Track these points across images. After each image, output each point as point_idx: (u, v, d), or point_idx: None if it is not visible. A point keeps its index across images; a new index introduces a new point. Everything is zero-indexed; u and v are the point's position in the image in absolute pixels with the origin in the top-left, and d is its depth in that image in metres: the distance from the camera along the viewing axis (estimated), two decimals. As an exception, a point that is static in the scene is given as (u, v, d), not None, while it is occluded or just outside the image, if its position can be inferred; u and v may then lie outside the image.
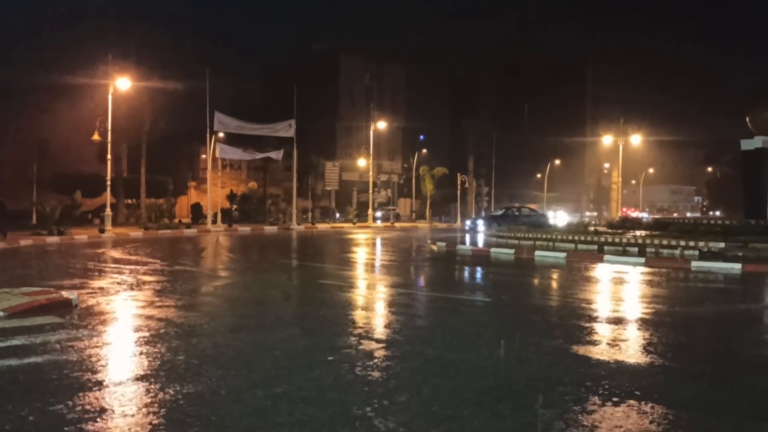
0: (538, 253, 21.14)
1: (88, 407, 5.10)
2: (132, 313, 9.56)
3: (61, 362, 6.51)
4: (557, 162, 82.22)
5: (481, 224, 39.82)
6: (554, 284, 15.10)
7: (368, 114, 59.22)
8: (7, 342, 7.40)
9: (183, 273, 16.08)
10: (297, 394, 5.52)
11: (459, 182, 58.91)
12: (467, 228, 41.54)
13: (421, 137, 74.40)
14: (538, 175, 79.96)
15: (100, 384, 5.79)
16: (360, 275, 16.72)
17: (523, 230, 26.85)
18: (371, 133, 53.70)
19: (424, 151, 67.28)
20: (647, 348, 7.59)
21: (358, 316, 9.91)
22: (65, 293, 10.30)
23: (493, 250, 22.67)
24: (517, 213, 41.06)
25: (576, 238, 22.91)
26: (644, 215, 56.60)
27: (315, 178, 54.09)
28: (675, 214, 63.77)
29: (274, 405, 5.23)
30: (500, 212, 43.29)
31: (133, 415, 4.94)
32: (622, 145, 57.25)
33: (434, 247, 25.56)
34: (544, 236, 24.20)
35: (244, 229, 38.67)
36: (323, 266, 19.13)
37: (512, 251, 21.93)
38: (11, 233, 25.66)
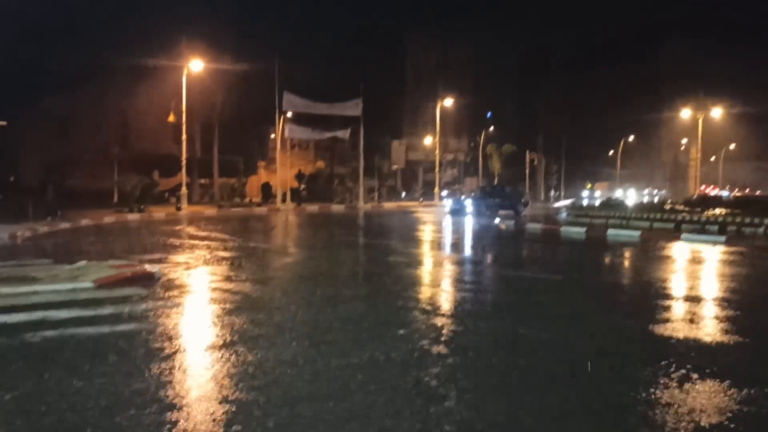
0: (610, 231, 20.69)
1: (170, 371, 5.40)
2: (210, 287, 9.96)
3: (147, 330, 6.88)
4: (631, 138, 79.65)
5: (469, 205, 33.97)
6: (628, 262, 14.79)
7: (435, 92, 58.75)
8: (98, 311, 7.87)
9: (256, 249, 16.55)
10: (369, 365, 5.67)
11: (528, 160, 58.01)
12: (449, 210, 34.62)
13: (489, 114, 73.29)
14: (611, 152, 77.74)
15: (181, 351, 6.10)
16: (427, 253, 16.80)
17: (596, 208, 26.30)
18: (438, 111, 53.40)
19: (492, 128, 66.39)
20: (726, 327, 7.40)
21: (427, 291, 10.02)
22: (148, 267, 10.81)
23: (563, 228, 22.32)
24: (490, 192, 36.97)
25: (651, 216, 22.29)
26: (724, 193, 54.32)
27: (381, 157, 54.34)
28: (758, 192, 60.88)
29: (347, 375, 5.40)
30: (476, 193, 37.68)
31: (210, 381, 5.20)
32: (701, 120, 54.98)
33: (502, 226, 25.37)
34: (617, 214, 23.65)
35: (312, 208, 39.32)
36: (390, 244, 19.30)
37: (583, 229, 21.53)
38: (95, 211, 26.92)
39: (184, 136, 33.44)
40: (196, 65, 33.61)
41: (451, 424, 4.30)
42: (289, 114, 42.30)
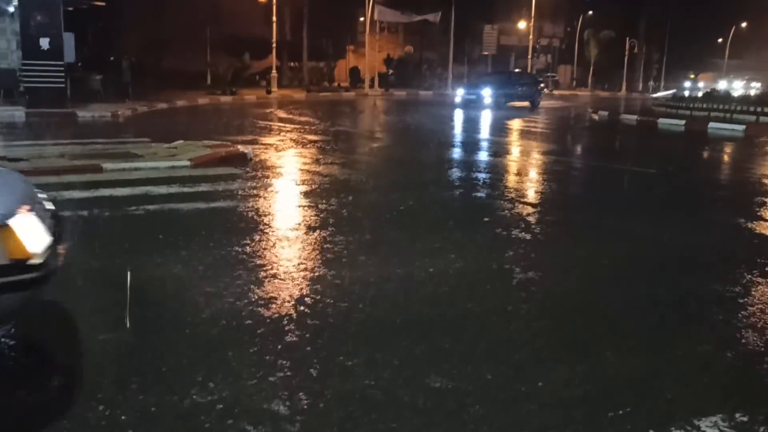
0: (712, 124, 19.57)
1: (260, 247, 5.70)
2: (300, 168, 10.24)
3: (240, 208, 7.22)
4: (744, 25, 73.13)
5: (487, 95, 28.60)
6: (728, 157, 14.06)
7: (532, -28, 55.34)
8: (195, 188, 8.29)
9: (343, 133, 16.73)
10: (454, 249, 5.77)
11: (627, 47, 54.64)
12: (461, 101, 29.56)
13: (589, -3, 68.74)
14: (719, 40, 71.92)
15: (271, 228, 6.39)
16: (516, 142, 16.49)
17: (697, 99, 24.76)
18: (534, -8, 50.51)
19: (590, 12, 62.41)
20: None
21: (513, 180, 9.93)
22: (241, 147, 11.18)
23: (660, 120, 21.27)
24: (507, 79, 32.02)
25: (758, 109, 20.84)
26: None
27: (472, 43, 52.49)
28: None
29: (432, 255, 5.53)
30: (492, 79, 31.56)
31: (298, 258, 5.45)
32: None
33: (595, 116, 24.43)
34: (720, 107, 22.23)
35: (400, 93, 38.92)
36: (478, 131, 19.03)
37: (682, 122, 20.45)
38: (189, 93, 27.67)
39: (274, 18, 33.28)
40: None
41: (530, 307, 4.39)
42: (379, -4, 41.12)
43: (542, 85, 32.15)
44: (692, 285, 4.96)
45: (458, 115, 24.78)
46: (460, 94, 30.10)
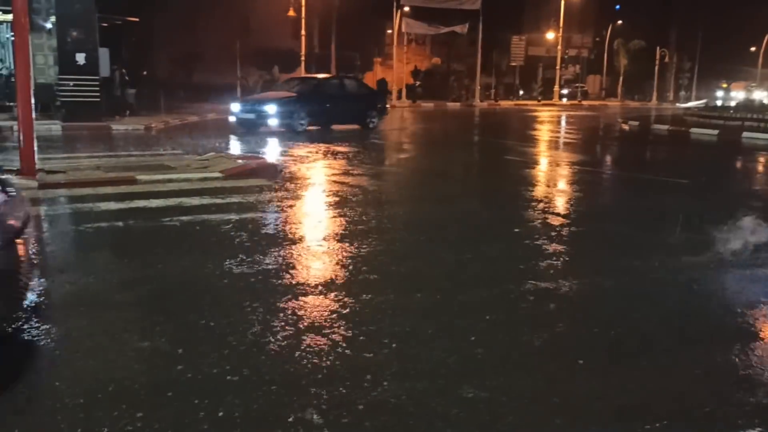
0: (746, 134, 19.26)
1: (291, 257, 5.75)
2: (329, 180, 10.32)
3: (271, 218, 7.31)
4: (778, 33, 71.86)
5: (273, 111, 18.82)
6: (762, 167, 13.82)
7: (560, -18, 55.20)
8: (227, 199, 8.40)
9: (372, 145, 16.80)
10: (485, 260, 5.77)
11: (658, 56, 54.10)
12: (237, 119, 19.73)
13: (617, 7, 68.18)
14: (752, 48, 70.76)
15: (302, 239, 6.45)
16: (545, 153, 16.41)
17: (730, 108, 24.40)
18: (562, 3, 50.33)
19: (620, 22, 61.94)
20: None
21: (543, 192, 9.88)
22: (272, 159, 11.31)
23: (693, 130, 21.00)
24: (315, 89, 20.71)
25: (794, 119, 20.47)
26: None
27: (499, 54, 52.43)
28: None
29: (461, 267, 5.54)
30: (290, 89, 20.93)
31: (329, 266, 5.49)
32: None
33: (625, 126, 24.21)
34: (754, 116, 21.88)
35: (428, 105, 38.99)
36: (507, 143, 18.98)
37: (715, 132, 20.17)
38: (219, 105, 28.02)
39: (303, 31, 33.67)
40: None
41: (562, 319, 4.36)
42: (406, 8, 41.34)
43: (380, 103, 22.35)
44: (720, 301, 4.88)
45: (482, 125, 24.66)
46: (235, 110, 19.86)
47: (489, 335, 4.04)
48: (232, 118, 20.02)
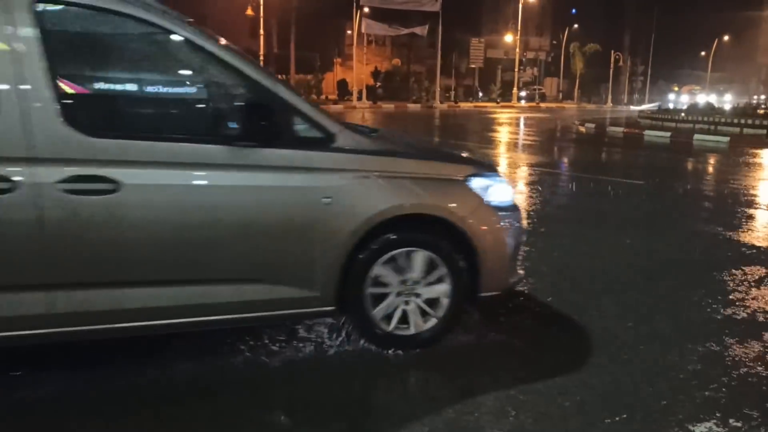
0: (697, 136, 19.85)
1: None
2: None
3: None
4: (726, 38, 74.33)
5: None
6: (713, 169, 14.25)
7: (517, -14, 55.96)
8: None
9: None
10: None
11: (612, 60, 55.34)
12: None
13: (573, 11, 69.51)
14: (702, 53, 73.02)
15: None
16: (503, 154, 16.63)
17: (682, 111, 25.14)
18: (519, 6, 51.06)
19: (576, 26, 63.16)
20: (815, 237, 7.12)
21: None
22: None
23: (647, 132, 21.54)
24: None
25: (742, 121, 21.17)
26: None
27: (459, 56, 52.96)
28: None
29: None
30: None
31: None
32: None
33: (582, 128, 24.70)
34: (705, 119, 22.57)
35: (388, 106, 39.10)
36: (466, 144, 19.16)
37: (668, 134, 20.72)
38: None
39: (261, 31, 33.43)
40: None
41: (527, 315, 4.43)
42: (366, 9, 41.41)
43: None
44: (681, 295, 5.03)
45: (443, 127, 24.88)
46: None
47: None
48: None
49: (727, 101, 50.49)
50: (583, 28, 63.66)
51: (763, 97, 65.42)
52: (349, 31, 46.87)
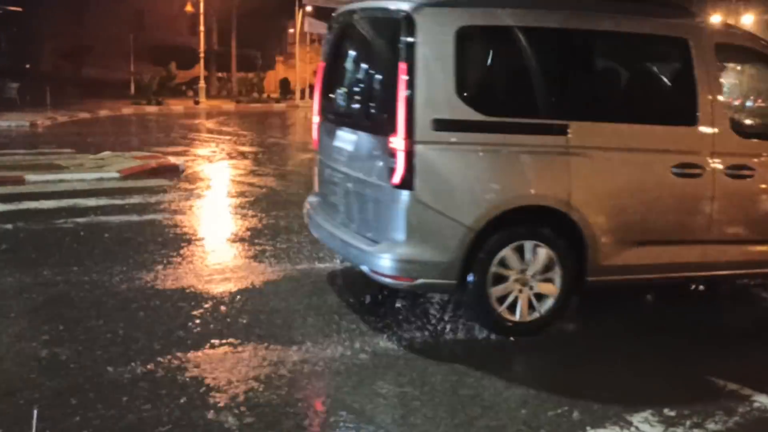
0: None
1: (195, 258, 5.64)
2: (234, 180, 10.13)
3: (174, 220, 7.09)
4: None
5: None
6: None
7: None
8: (126, 200, 8.06)
9: (277, 145, 16.62)
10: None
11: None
12: None
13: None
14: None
15: (204, 239, 6.33)
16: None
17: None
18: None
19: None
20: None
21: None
22: (172, 159, 10.96)
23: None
24: None
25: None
26: None
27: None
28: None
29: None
30: None
31: (232, 269, 5.41)
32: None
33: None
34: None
35: (331, 105, 38.91)
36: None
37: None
38: (112, 102, 26.83)
39: (201, 28, 32.74)
40: (212, -48, 32.48)
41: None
42: (309, 8, 41.12)
43: None
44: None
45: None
46: None
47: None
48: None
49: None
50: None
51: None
52: (291, 30, 46.43)
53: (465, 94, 3.85)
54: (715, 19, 48.57)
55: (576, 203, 3.95)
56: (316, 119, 5.07)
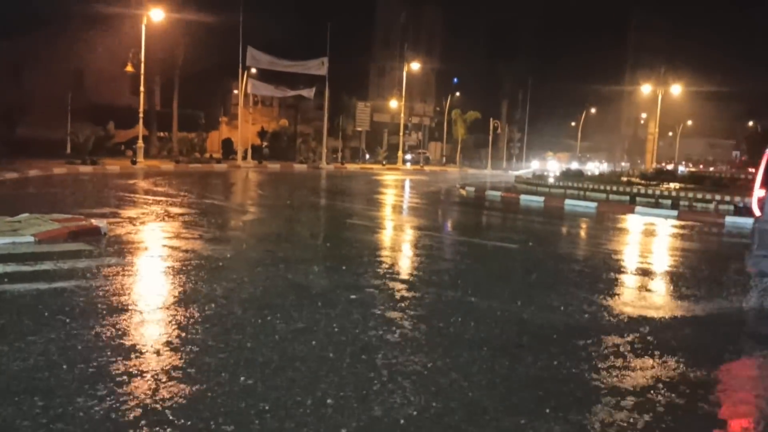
0: (568, 201, 20.86)
1: (110, 333, 5.18)
2: (159, 244, 9.66)
3: (87, 288, 6.61)
4: (593, 110, 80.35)
5: None
6: (583, 233, 14.91)
7: (402, 54, 57.88)
8: (36, 266, 7.53)
9: (212, 207, 16.20)
10: (318, 330, 5.53)
11: (491, 127, 58.07)
12: None
13: (455, 80, 72.75)
14: (573, 123, 78.37)
15: (123, 311, 5.87)
16: (388, 216, 16.69)
17: (555, 177, 26.52)
18: (404, 74, 52.83)
19: (458, 94, 66.04)
20: (671, 300, 7.47)
21: (384, 256, 9.90)
22: (95, 221, 10.43)
23: (522, 196, 22.43)
24: None
25: (608, 188, 22.52)
26: (680, 168, 55.30)
27: (346, 118, 53.67)
28: (711, 168, 62.30)
29: (294, 338, 5.25)
30: None
31: (153, 345, 4.99)
32: (661, 96, 55.61)
33: (463, 192, 25.39)
34: (575, 185, 23.85)
35: (274, 166, 38.76)
36: (351, 206, 19.13)
37: (542, 198, 21.66)
38: (45, 162, 25.98)
39: (142, 88, 32.38)
40: (156, 14, 32.42)
41: (400, 393, 4.19)
42: (253, 70, 41.31)
43: None
44: (549, 365, 4.99)
45: (328, 188, 24.86)
46: None
47: (317, 412, 3.77)
48: None
49: (590, 168, 54.12)
50: (464, 97, 66.64)
51: (625, 164, 70.74)
52: (235, 91, 46.44)
53: None
54: (646, 88, 51.00)
55: None
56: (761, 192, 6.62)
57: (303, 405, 3.95)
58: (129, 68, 32.40)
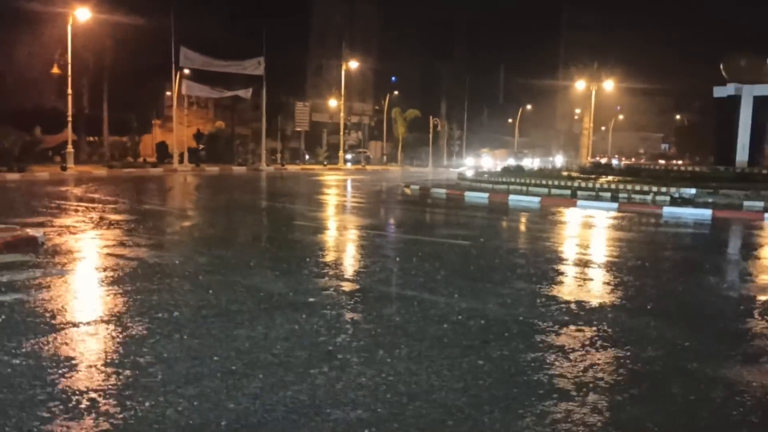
0: (512, 197, 21.12)
1: (54, 348, 4.85)
2: (102, 252, 9.21)
3: (28, 301, 6.20)
4: (529, 107, 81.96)
5: None
6: (531, 227, 15.09)
7: (340, 53, 57.63)
8: (-32, 281, 7.04)
9: (152, 212, 15.67)
10: (278, 335, 5.33)
11: (431, 125, 58.48)
12: None
13: (393, 79, 72.94)
14: (510, 120, 79.73)
15: (68, 324, 5.52)
16: (332, 217, 16.50)
17: (497, 173, 26.85)
18: (342, 73, 52.59)
19: (396, 92, 66.21)
20: (611, 290, 7.58)
21: (334, 257, 9.73)
22: (30, 231, 9.88)
23: (467, 193, 22.58)
24: None
25: (549, 183, 22.92)
26: (614, 161, 56.95)
27: (284, 119, 53.07)
28: (642, 161, 64.47)
29: (254, 345, 5.04)
30: None
31: (100, 358, 4.70)
32: (594, 91, 57.16)
33: (408, 190, 25.41)
34: (517, 180, 24.19)
35: (212, 169, 37.97)
36: (295, 207, 18.85)
37: (486, 195, 21.86)
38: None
39: (69, 90, 31.11)
40: (82, 14, 31.20)
41: (361, 390, 4.04)
42: (187, 71, 40.32)
43: None
44: (516, 354, 4.94)
45: (268, 189, 24.48)
46: None
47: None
48: None
49: (526, 164, 55.16)
50: (403, 95, 66.87)
51: (552, 158, 72.20)
52: (168, 92, 45.23)
53: None
54: (580, 84, 52.10)
55: None
56: None
57: (274, 411, 3.75)
58: (55, 70, 31.10)
